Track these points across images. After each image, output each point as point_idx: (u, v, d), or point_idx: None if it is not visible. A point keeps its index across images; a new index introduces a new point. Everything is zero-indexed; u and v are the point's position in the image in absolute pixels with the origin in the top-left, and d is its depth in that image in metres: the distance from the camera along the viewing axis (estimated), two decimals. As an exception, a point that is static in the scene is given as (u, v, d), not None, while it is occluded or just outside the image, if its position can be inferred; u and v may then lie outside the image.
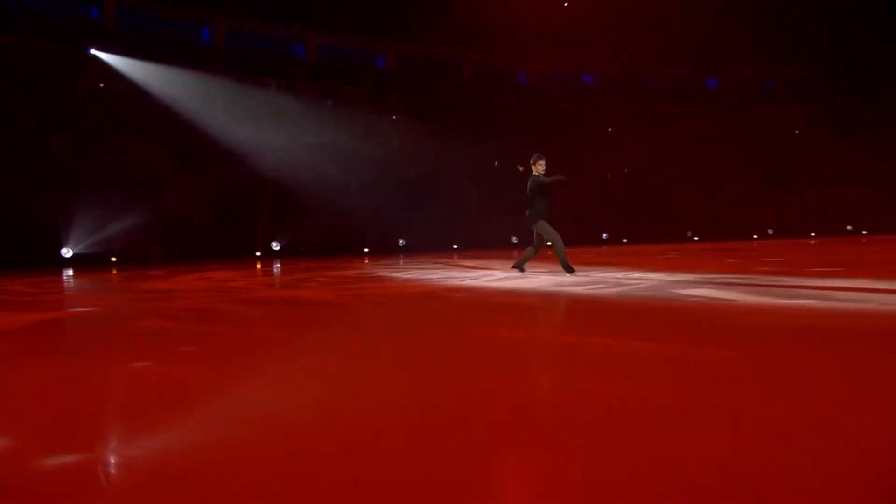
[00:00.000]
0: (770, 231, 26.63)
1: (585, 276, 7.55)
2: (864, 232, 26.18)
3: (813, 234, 25.45)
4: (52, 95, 20.34)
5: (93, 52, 21.99)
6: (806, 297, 4.64)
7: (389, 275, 9.48)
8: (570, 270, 7.54)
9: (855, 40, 31.26)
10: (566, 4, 33.82)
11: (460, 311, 4.83)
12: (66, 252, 16.27)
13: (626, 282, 6.40)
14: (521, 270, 8.21)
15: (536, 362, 2.80)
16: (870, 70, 31.46)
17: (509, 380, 2.33)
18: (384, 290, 6.77)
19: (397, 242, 22.00)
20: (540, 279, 7.38)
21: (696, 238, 25.69)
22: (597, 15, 31.39)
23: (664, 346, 2.95)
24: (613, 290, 5.71)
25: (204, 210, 19.32)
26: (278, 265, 13.65)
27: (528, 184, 7.78)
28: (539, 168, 7.76)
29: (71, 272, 12.84)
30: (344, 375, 2.53)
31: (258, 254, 19.16)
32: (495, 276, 8.20)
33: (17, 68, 20.17)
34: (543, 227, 7.65)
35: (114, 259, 16.17)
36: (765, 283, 5.80)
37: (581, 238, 23.15)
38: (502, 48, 31.49)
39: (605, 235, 24.65)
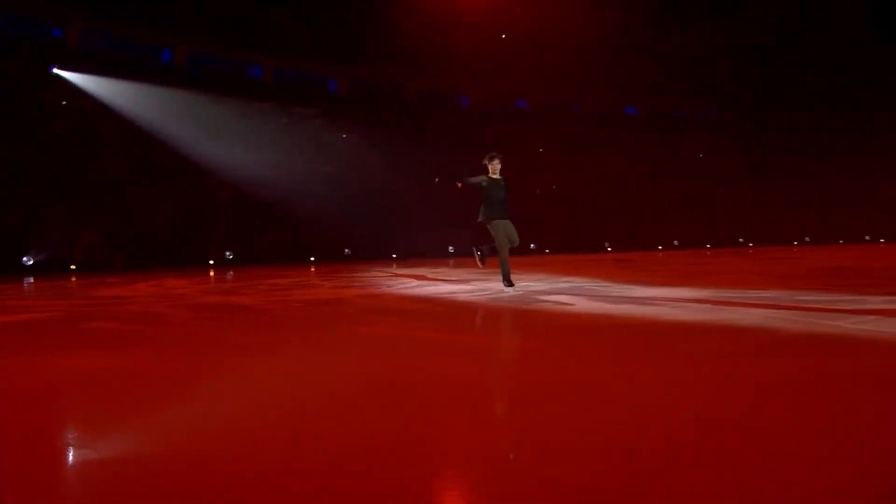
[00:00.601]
0: (676, 243, 28.19)
1: (476, 284, 8.39)
2: (751, 244, 28.28)
3: (708, 246, 27.20)
4: (16, 112, 20.30)
5: (55, 70, 21.98)
6: (627, 302, 5.59)
7: (321, 282, 10.20)
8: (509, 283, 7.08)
9: (751, 79, 33.35)
10: (504, 37, 35.14)
11: (352, 313, 5.62)
12: (28, 260, 16.36)
13: (505, 290, 7.28)
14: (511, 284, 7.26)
15: (380, 349, 3.63)
16: (762, 105, 33.66)
17: (347, 363, 3.16)
18: (307, 296, 7.51)
19: (343, 252, 22.59)
20: (445, 287, 8.21)
21: (609, 248, 27.04)
22: (531, 46, 32.74)
23: (482, 337, 3.82)
24: (488, 295, 6.60)
25: (162, 220, 19.59)
26: (230, 273, 14.17)
27: (503, 183, 7.32)
28: (496, 167, 7.31)
29: (31, 279, 13.12)
30: (242, 361, 3.32)
31: (211, 262, 19.50)
32: (409, 284, 8.99)
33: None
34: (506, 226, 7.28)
35: (73, 267, 16.30)
36: (610, 291, 6.77)
37: (512, 248, 24.24)
38: (446, 74, 32.46)
39: (532, 245, 25.76)
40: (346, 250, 22.64)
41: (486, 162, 7.46)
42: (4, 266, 15.70)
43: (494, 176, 7.35)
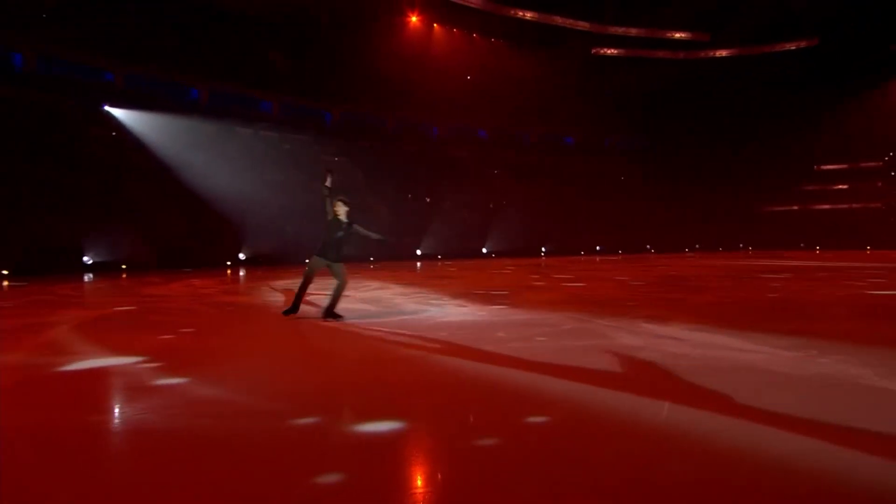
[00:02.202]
0: (598, 248, 30.51)
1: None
2: (652, 250, 30.92)
3: (620, 251, 29.69)
4: (73, 143, 21.93)
5: (106, 108, 23.68)
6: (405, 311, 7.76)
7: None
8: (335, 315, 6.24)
9: (661, 116, 35.87)
10: (469, 78, 37.15)
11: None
12: (88, 260, 18.15)
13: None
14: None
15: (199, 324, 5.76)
16: (668, 137, 36.24)
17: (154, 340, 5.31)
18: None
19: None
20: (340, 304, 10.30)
21: (543, 251, 28.99)
22: (490, 86, 34.83)
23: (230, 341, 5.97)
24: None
25: (188, 228, 21.13)
26: (242, 273, 16.13)
27: (344, 226, 6.43)
28: (339, 210, 6.41)
29: (91, 276, 15.05)
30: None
31: (228, 263, 21.26)
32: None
33: (45, 121, 21.76)
34: (341, 268, 6.38)
35: (124, 266, 18.14)
36: (427, 296, 8.95)
37: (465, 251, 26.34)
38: (419, 108, 34.30)
39: (484, 249, 27.85)
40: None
41: (334, 205, 6.43)
42: (70, 265, 17.49)
43: (339, 215, 6.44)
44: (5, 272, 15.21)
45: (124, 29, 25.39)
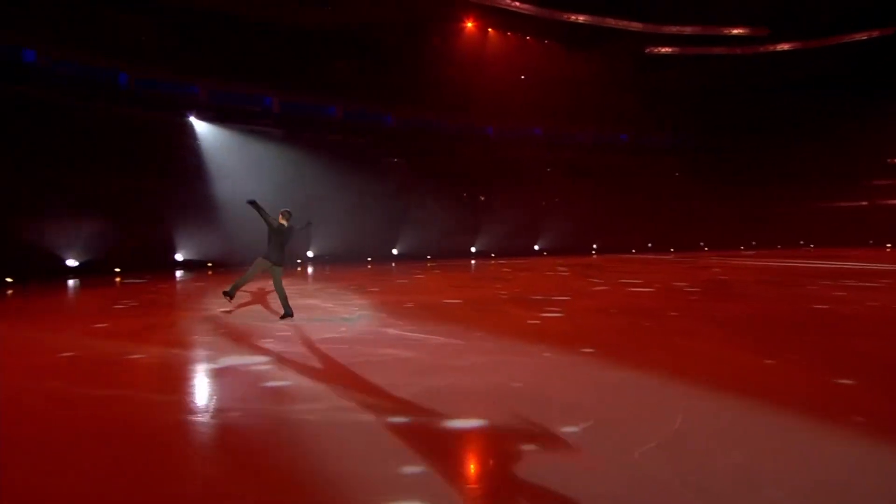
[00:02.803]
0: (650, 245, 30.54)
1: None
2: (706, 248, 30.57)
3: (672, 249, 29.62)
4: (163, 152, 24.39)
5: (191, 118, 26.16)
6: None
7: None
8: (289, 313, 7.46)
9: (718, 112, 35.08)
10: (523, 78, 37.70)
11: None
12: (179, 257, 20.40)
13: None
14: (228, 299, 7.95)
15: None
16: (724, 133, 35.45)
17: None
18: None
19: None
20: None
21: (594, 249, 29.20)
22: (544, 87, 35.28)
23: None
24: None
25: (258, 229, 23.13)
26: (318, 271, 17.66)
27: (286, 231, 7.72)
28: (283, 219, 7.73)
29: (182, 273, 17.18)
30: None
31: (299, 261, 22.84)
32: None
33: (145, 132, 24.37)
34: (279, 272, 7.64)
35: (210, 264, 20.26)
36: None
37: (518, 248, 27.13)
38: (475, 110, 35.15)
39: (536, 247, 28.53)
40: (394, 250, 25.65)
41: (280, 217, 7.76)
42: (163, 262, 19.76)
43: (283, 222, 7.74)
44: (117, 270, 17.50)
45: (210, 47, 27.82)
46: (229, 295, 7.64)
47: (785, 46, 29.87)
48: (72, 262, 17.03)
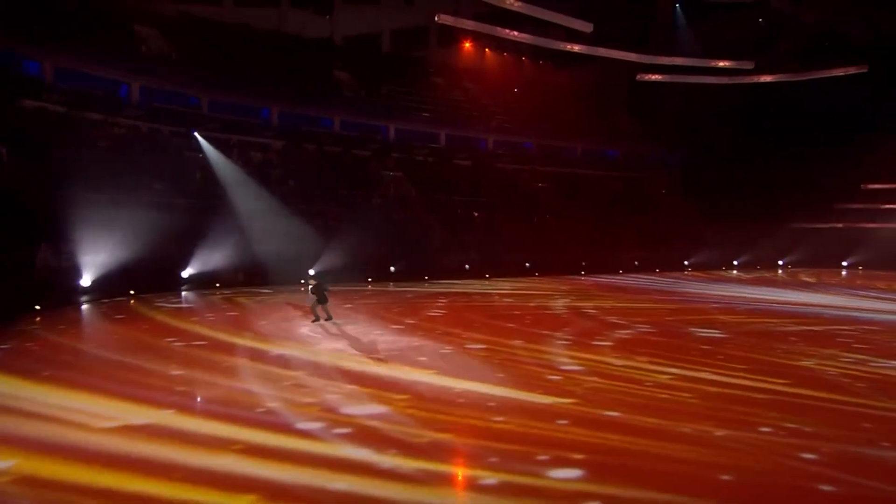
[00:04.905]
0: (636, 263, 31.57)
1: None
2: (690, 268, 31.84)
3: (658, 270, 30.74)
4: (169, 164, 24.61)
5: (195, 133, 26.45)
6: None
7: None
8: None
9: (705, 135, 36.44)
10: (516, 90, 38.56)
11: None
12: (185, 274, 20.74)
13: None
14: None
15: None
16: (711, 155, 36.82)
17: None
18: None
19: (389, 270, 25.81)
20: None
21: (583, 272, 29.81)
22: (537, 102, 36.22)
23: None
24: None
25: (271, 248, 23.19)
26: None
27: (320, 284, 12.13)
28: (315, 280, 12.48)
29: (187, 291, 17.69)
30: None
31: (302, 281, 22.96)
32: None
33: (149, 145, 24.65)
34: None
35: (217, 284, 20.59)
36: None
37: (511, 266, 27.81)
38: (469, 123, 35.94)
39: (527, 264, 29.13)
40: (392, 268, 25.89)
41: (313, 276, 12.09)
42: (171, 281, 20.11)
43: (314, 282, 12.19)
44: (132, 292, 17.85)
45: (209, 58, 28.08)
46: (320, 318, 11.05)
47: (768, 78, 31.31)
48: (84, 283, 17.34)
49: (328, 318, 11.83)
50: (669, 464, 5.39)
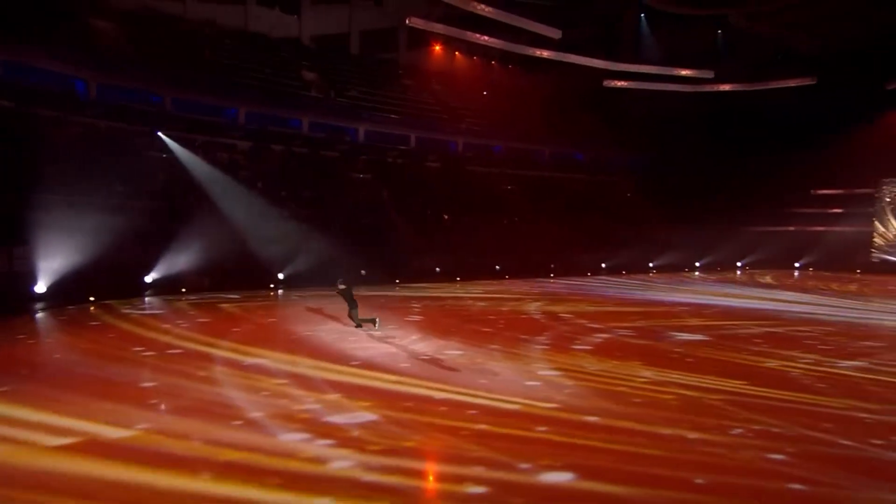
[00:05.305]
0: (603, 265, 32.20)
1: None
2: (654, 269, 32.71)
3: (624, 272, 31.44)
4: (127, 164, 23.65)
5: (159, 133, 25.59)
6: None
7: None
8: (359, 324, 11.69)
9: (669, 139, 37.51)
10: (485, 93, 38.84)
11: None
12: (149, 279, 20.07)
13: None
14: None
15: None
16: (675, 160, 37.94)
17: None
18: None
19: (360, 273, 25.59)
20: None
21: (552, 274, 30.24)
22: (504, 105, 36.58)
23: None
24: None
25: (232, 251, 22.57)
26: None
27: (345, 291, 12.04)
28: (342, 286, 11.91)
29: (151, 297, 17.15)
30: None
31: (271, 286, 22.66)
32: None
33: (109, 144, 23.67)
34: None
35: (183, 290, 20.00)
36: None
37: (481, 269, 27.97)
38: (439, 126, 35.96)
39: (497, 267, 29.39)
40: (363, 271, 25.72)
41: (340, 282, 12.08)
42: (134, 286, 19.43)
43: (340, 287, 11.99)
44: (92, 298, 17.16)
45: (172, 55, 27.26)
46: (361, 323, 11.13)
47: (726, 87, 32.58)
48: (39, 289, 16.60)
49: (358, 325, 11.77)
50: (647, 467, 5.54)
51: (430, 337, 12.04)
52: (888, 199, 35.15)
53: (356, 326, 11.51)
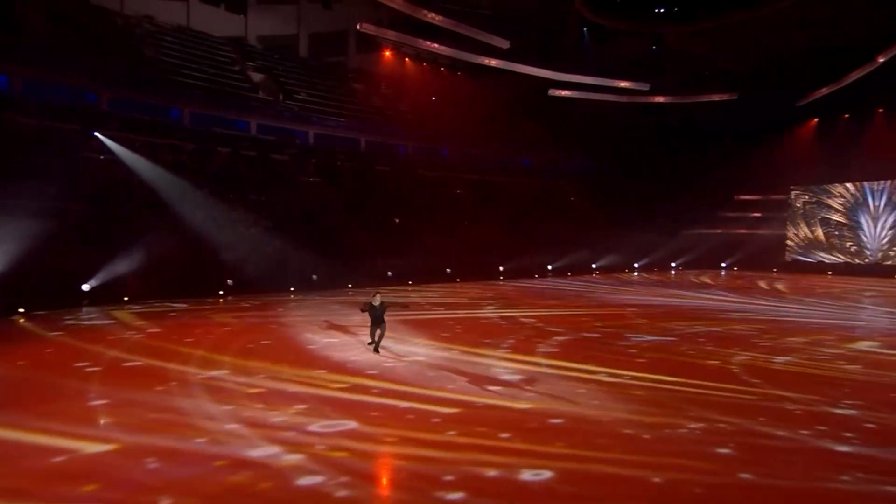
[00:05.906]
0: (549, 267, 32.99)
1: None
2: (597, 270, 33.93)
3: (569, 274, 32.34)
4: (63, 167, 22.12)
5: (96, 133, 24.03)
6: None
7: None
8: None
9: (609, 146, 39.00)
10: (434, 99, 38.88)
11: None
12: (86, 287, 18.80)
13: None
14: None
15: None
16: (615, 165, 39.53)
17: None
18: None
19: (311, 278, 25.07)
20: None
21: (501, 277, 30.66)
22: (453, 110, 36.76)
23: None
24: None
25: (174, 255, 21.53)
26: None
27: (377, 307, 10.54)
28: (376, 299, 10.51)
29: (88, 305, 16.06)
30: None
31: (221, 292, 21.75)
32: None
33: (39, 144, 22.01)
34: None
35: (126, 298, 18.82)
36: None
37: (432, 272, 28.01)
38: (388, 130, 35.69)
39: (448, 270, 29.47)
40: (314, 276, 25.13)
41: (371, 298, 10.66)
42: (70, 295, 18.15)
43: (375, 303, 10.57)
44: (21, 310, 15.90)
45: (107, 53, 25.72)
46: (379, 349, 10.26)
47: (660, 99, 34.45)
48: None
49: (375, 350, 10.68)
50: (611, 467, 5.73)
51: (389, 343, 11.91)
52: (798, 205, 38.36)
53: (371, 345, 10.61)
